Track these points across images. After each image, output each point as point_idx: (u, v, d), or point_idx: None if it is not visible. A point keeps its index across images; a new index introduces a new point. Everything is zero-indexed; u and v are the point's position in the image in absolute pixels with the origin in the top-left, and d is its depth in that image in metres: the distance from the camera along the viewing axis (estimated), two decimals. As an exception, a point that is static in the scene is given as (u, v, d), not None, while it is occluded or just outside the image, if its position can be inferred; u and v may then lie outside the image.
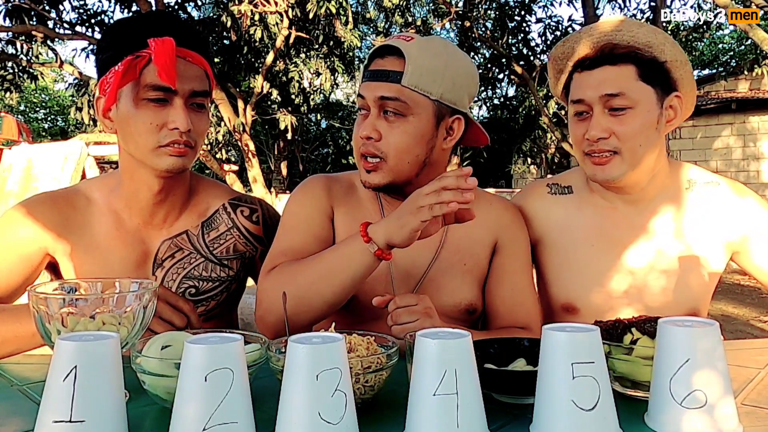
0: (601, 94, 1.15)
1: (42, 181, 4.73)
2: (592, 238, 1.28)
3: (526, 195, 1.38)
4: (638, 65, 1.15)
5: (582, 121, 1.20)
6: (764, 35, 6.15)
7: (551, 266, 1.33)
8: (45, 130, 24.46)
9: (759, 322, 5.10)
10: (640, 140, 1.16)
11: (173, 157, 1.11)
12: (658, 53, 1.16)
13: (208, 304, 1.25)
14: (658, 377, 0.74)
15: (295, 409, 0.65)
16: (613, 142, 1.16)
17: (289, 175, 17.52)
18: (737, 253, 1.29)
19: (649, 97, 1.16)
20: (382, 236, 1.01)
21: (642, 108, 1.15)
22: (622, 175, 1.19)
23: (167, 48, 1.05)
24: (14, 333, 1.04)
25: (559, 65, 1.26)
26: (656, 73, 1.17)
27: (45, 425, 0.64)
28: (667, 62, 1.17)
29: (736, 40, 16.33)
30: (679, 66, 1.18)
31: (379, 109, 1.11)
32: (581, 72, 1.20)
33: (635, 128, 1.15)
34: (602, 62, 1.16)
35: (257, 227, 1.31)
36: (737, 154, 10.74)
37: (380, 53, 1.13)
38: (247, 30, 8.91)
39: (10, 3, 7.96)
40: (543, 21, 10.38)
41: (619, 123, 1.15)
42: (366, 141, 1.11)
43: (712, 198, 1.27)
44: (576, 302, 1.28)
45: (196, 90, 1.11)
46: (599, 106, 1.16)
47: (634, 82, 1.15)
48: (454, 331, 0.72)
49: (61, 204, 1.19)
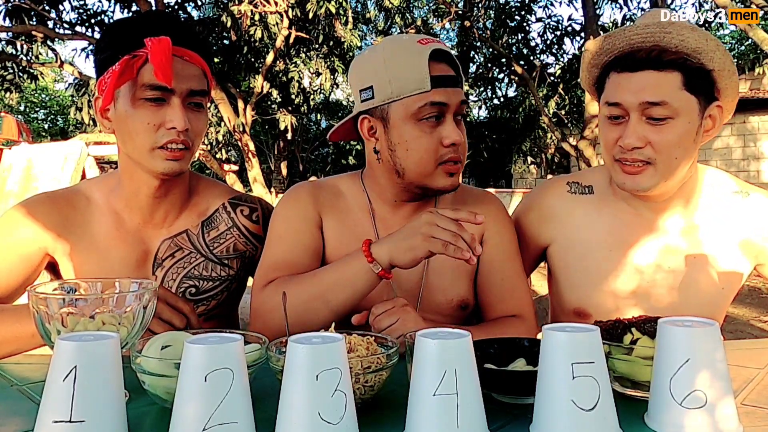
0: (642, 101, 1.07)
1: (42, 181, 4.73)
2: (610, 242, 1.23)
3: (543, 192, 1.33)
4: (684, 73, 1.06)
5: (616, 125, 1.12)
6: (764, 35, 6.15)
7: (565, 268, 1.28)
8: (45, 130, 24.47)
9: (759, 322, 5.10)
10: (677, 152, 1.09)
11: (169, 161, 1.10)
12: (706, 61, 1.07)
13: (209, 304, 1.25)
14: (658, 377, 0.73)
15: (295, 409, 0.65)
16: (648, 152, 1.09)
17: (289, 175, 17.53)
18: (761, 265, 1.24)
19: (691, 108, 1.08)
20: (386, 256, 1.01)
21: (683, 119, 1.07)
22: (654, 186, 1.12)
23: (163, 47, 1.04)
24: (14, 333, 1.04)
25: (597, 60, 1.16)
26: (702, 82, 1.08)
27: (45, 425, 0.64)
28: (714, 71, 1.08)
29: (736, 41, 16.32)
30: (727, 75, 1.09)
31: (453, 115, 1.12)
32: (620, 72, 1.10)
33: (673, 140, 1.08)
34: (646, 65, 1.07)
35: (257, 226, 1.31)
36: (737, 154, 10.74)
37: (437, 58, 1.10)
38: (247, 30, 8.92)
39: (10, 3, 7.96)
40: (543, 21, 10.38)
41: (657, 132, 1.08)
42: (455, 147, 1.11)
43: (739, 209, 1.21)
44: (589, 308, 1.24)
45: (193, 89, 1.11)
46: (637, 113, 1.08)
47: (678, 90, 1.06)
48: (454, 331, 0.72)
49: (60, 204, 1.19)
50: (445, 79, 1.09)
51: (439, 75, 1.09)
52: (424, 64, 1.08)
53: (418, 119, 1.10)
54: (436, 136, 1.10)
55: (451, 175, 1.12)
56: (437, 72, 1.09)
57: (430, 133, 1.10)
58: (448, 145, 1.10)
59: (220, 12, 9.22)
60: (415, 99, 1.09)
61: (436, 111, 1.09)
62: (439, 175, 1.12)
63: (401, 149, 1.12)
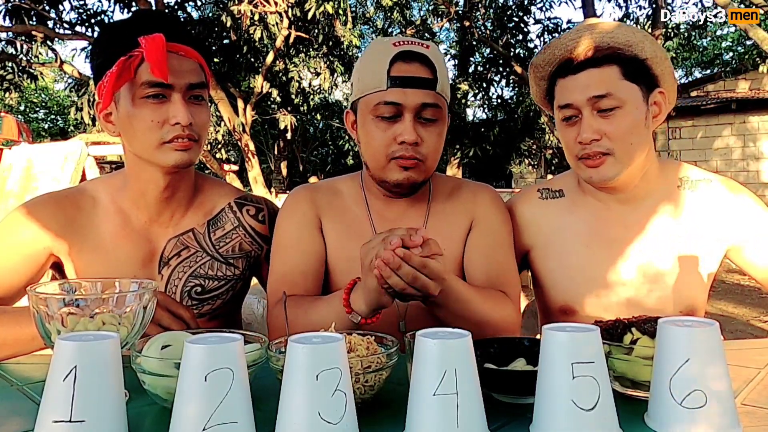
0: (589, 96, 1.16)
1: (42, 181, 4.73)
2: (586, 239, 1.28)
3: (516, 202, 1.38)
4: (621, 65, 1.16)
5: (572, 125, 1.20)
6: (764, 35, 6.15)
7: (547, 270, 1.33)
8: (45, 130, 24.45)
9: (759, 322, 5.10)
10: (631, 138, 1.17)
11: (178, 152, 1.12)
12: (638, 51, 1.17)
13: (214, 303, 1.26)
14: (658, 377, 0.73)
15: (295, 409, 0.65)
16: (606, 143, 1.17)
17: (289, 175, 17.52)
18: (731, 250, 1.28)
19: (635, 95, 1.17)
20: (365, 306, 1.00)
21: (630, 106, 1.16)
22: (618, 175, 1.19)
23: (158, 44, 1.06)
24: (14, 336, 1.04)
25: (541, 72, 1.26)
26: (639, 71, 1.18)
27: (45, 425, 0.64)
28: (648, 59, 1.18)
29: (735, 41, 16.33)
30: (659, 62, 1.19)
31: (415, 115, 1.14)
32: (565, 77, 1.20)
33: (625, 127, 1.16)
34: (586, 66, 1.17)
35: (263, 226, 1.32)
36: (737, 154, 10.74)
37: (403, 58, 1.14)
38: (247, 30, 8.92)
39: (10, 3, 7.96)
40: (542, 22, 10.38)
41: (609, 123, 1.16)
42: (408, 146, 1.13)
43: (704, 195, 1.27)
44: (573, 304, 1.29)
45: (192, 83, 1.12)
46: (588, 108, 1.17)
47: (619, 81, 1.16)
48: (454, 331, 0.72)
49: (65, 204, 1.20)
50: (405, 80, 1.13)
51: (399, 75, 1.13)
52: (385, 64, 1.13)
53: (375, 116, 1.15)
54: (390, 133, 1.14)
55: (405, 169, 1.15)
56: (399, 72, 1.13)
57: (384, 130, 1.15)
58: (401, 143, 1.13)
59: (220, 12, 9.22)
60: (374, 97, 1.15)
61: (393, 110, 1.13)
62: (393, 170, 1.16)
63: (364, 143, 1.20)
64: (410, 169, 1.15)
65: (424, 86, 1.13)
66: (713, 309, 5.60)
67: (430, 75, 1.14)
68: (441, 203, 1.27)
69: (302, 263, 1.20)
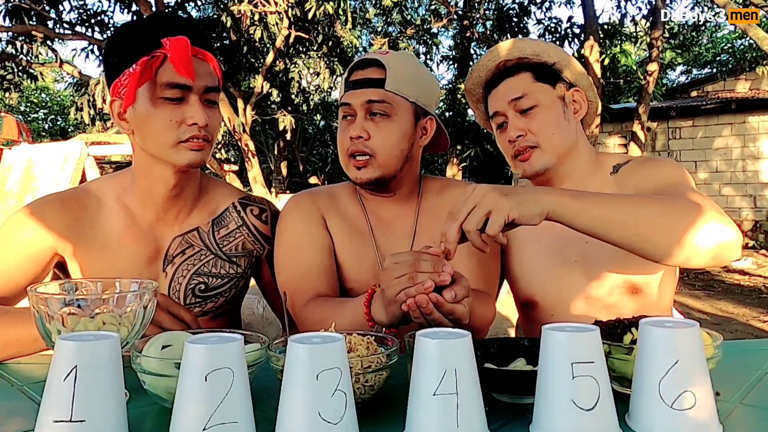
0: (509, 99, 1.31)
1: (42, 181, 4.73)
2: (536, 233, 1.32)
3: None
4: (532, 71, 1.32)
5: (503, 131, 1.35)
6: (764, 35, 6.15)
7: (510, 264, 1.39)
8: (45, 130, 24.44)
9: (759, 322, 5.10)
10: (551, 130, 1.30)
11: (193, 151, 1.14)
12: (545, 57, 1.33)
13: (217, 301, 1.27)
14: (645, 380, 0.73)
15: (295, 409, 0.65)
16: (531, 138, 1.30)
17: (289, 175, 17.51)
18: None
19: (548, 94, 1.31)
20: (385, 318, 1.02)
21: (545, 104, 1.30)
22: (546, 165, 1.30)
23: (182, 45, 1.09)
24: (16, 337, 1.04)
25: (475, 95, 1.43)
26: (549, 74, 1.33)
27: (45, 425, 0.64)
28: (555, 64, 1.33)
29: (734, 41, 16.33)
30: (566, 65, 1.34)
31: (366, 113, 1.22)
32: (490, 92, 1.37)
33: (543, 121, 1.30)
34: (503, 76, 1.33)
35: (266, 226, 1.34)
36: (737, 154, 10.74)
37: (360, 66, 1.25)
38: (247, 30, 8.92)
39: (10, 3, 7.96)
40: (542, 22, 10.37)
41: (530, 120, 1.30)
42: (356, 140, 1.22)
43: (627, 175, 1.32)
44: (534, 297, 1.35)
45: (209, 86, 1.15)
46: (511, 111, 1.31)
47: (532, 84, 1.31)
48: (454, 331, 0.72)
49: (70, 204, 1.20)
50: (356, 83, 1.24)
51: (353, 80, 1.25)
52: (346, 74, 1.28)
53: (341, 118, 1.28)
54: (347, 132, 1.24)
55: (358, 168, 1.23)
56: (353, 78, 1.25)
57: (344, 130, 1.26)
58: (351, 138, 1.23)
59: (220, 12, 9.22)
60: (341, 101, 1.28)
61: (348, 110, 1.25)
62: (351, 168, 1.25)
63: None
64: (362, 168, 1.23)
65: (372, 86, 1.22)
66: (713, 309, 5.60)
67: (381, 75, 1.22)
68: (431, 202, 1.32)
69: (319, 259, 1.25)
